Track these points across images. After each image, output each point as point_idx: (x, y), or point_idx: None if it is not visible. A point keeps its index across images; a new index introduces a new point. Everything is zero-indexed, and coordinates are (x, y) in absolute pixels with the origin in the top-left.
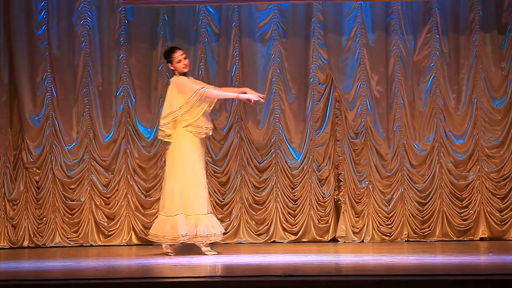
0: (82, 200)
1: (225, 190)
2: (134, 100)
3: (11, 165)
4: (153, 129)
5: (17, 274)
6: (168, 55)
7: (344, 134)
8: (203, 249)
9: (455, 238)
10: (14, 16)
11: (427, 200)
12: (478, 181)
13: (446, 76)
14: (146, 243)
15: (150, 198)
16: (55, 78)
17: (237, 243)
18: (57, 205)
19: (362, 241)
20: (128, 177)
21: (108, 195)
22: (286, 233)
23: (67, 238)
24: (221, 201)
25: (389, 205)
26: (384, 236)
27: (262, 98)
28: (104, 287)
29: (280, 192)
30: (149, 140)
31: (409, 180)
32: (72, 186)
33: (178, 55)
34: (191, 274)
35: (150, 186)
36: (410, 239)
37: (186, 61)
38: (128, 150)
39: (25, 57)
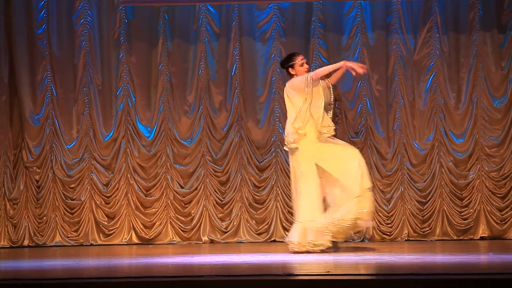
0: (82, 199)
1: (225, 189)
2: (134, 99)
3: (11, 164)
4: (153, 128)
5: (17, 273)
6: (289, 59)
7: (344, 133)
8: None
9: (455, 237)
10: (14, 16)
11: (427, 199)
12: (478, 180)
13: (446, 75)
14: (146, 242)
15: (150, 197)
16: (55, 77)
17: (237, 242)
18: (57, 204)
19: (363, 240)
20: (128, 176)
21: (108, 194)
22: (286, 232)
23: (67, 237)
24: (221, 200)
25: (389, 204)
26: (384, 235)
27: (362, 68)
28: (104, 286)
29: (280, 191)
30: (149, 139)
31: (409, 179)
32: (72, 185)
33: (301, 58)
34: (191, 274)
35: (150, 185)
36: (410, 238)
37: (307, 66)
38: (128, 149)
39: (25, 56)
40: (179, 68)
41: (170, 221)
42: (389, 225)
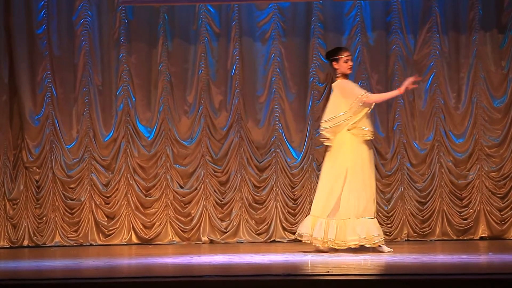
0: (82, 199)
1: (225, 190)
2: (134, 99)
3: (11, 164)
4: (153, 128)
5: (17, 274)
6: (335, 53)
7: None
8: (381, 248)
9: (455, 238)
10: (14, 16)
11: (427, 200)
12: (478, 180)
13: (446, 75)
14: (146, 242)
15: (150, 197)
16: (55, 77)
17: (237, 242)
18: (57, 204)
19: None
20: (128, 176)
21: (108, 195)
22: (286, 232)
23: (67, 237)
24: (221, 201)
25: (389, 204)
26: (384, 235)
27: (416, 77)
28: (104, 286)
29: (280, 191)
30: (149, 139)
31: (409, 179)
32: (72, 186)
33: (347, 54)
34: (191, 274)
35: (150, 185)
36: (410, 239)
37: (351, 63)
38: (128, 150)
39: (25, 56)
40: (179, 68)
41: (170, 221)
42: (389, 225)
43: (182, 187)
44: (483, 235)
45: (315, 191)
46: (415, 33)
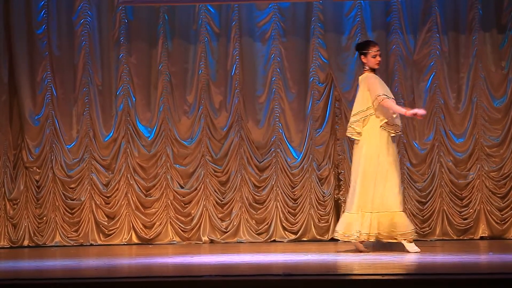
0: (82, 199)
1: (225, 189)
2: (134, 99)
3: (11, 164)
4: (153, 128)
5: (17, 273)
6: (365, 46)
7: (344, 133)
8: (407, 245)
9: (455, 237)
10: (14, 16)
11: (427, 199)
12: (478, 180)
13: (446, 75)
14: (146, 242)
15: (150, 197)
16: (55, 77)
17: (237, 242)
18: (57, 204)
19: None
20: (128, 176)
21: (108, 195)
22: (286, 232)
23: (67, 237)
24: (221, 200)
25: None
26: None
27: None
28: (104, 286)
29: (280, 191)
30: (149, 139)
31: (409, 179)
32: (72, 186)
33: (376, 49)
34: (191, 274)
35: (150, 185)
36: None
37: (380, 59)
38: (128, 150)
39: (25, 56)
40: (179, 68)
41: (170, 221)
42: None
43: (182, 187)
44: (483, 235)
45: (315, 191)
46: (415, 33)
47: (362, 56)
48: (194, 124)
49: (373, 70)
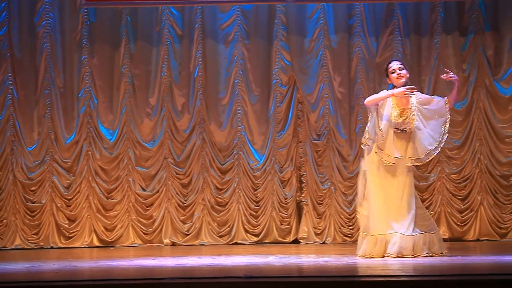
0: (43, 202)
1: (187, 192)
2: (96, 102)
3: None
4: (115, 130)
5: None
6: (386, 69)
7: (307, 136)
8: None
9: None
10: None
11: None
12: (439, 182)
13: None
14: (107, 245)
15: (112, 199)
16: (16, 79)
17: (199, 244)
18: (17, 207)
19: (324, 242)
20: (90, 178)
21: (69, 197)
22: (248, 234)
23: (28, 240)
24: (183, 203)
25: (350, 206)
26: (345, 237)
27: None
28: None
29: (243, 194)
30: (111, 141)
31: None
32: (33, 188)
33: (392, 66)
34: (152, 276)
35: (112, 187)
36: None
37: (400, 72)
38: (89, 152)
39: None
40: (142, 71)
41: (131, 223)
42: (351, 227)
43: (144, 190)
44: (443, 237)
45: (277, 193)
46: (378, 35)
47: (387, 79)
48: (156, 126)
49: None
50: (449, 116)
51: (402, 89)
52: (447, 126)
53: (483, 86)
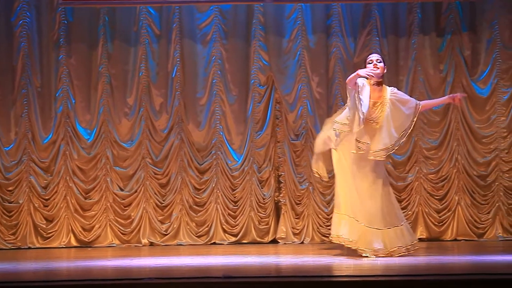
0: (20, 202)
1: (165, 192)
2: (73, 101)
3: None
4: (93, 130)
5: None
6: (364, 61)
7: (285, 136)
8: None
9: None
10: None
11: None
12: (417, 182)
13: (385, 77)
14: (85, 245)
15: (90, 199)
16: None
17: (177, 244)
18: None
19: (302, 242)
20: (68, 178)
21: (47, 197)
22: (226, 234)
23: (5, 240)
24: (161, 203)
25: (329, 206)
26: (324, 237)
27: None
28: None
29: (221, 194)
30: (88, 141)
31: None
32: (10, 188)
33: (371, 57)
34: (130, 276)
35: (90, 187)
36: None
37: (379, 64)
38: (67, 152)
39: None
40: (119, 70)
41: (109, 223)
42: (329, 227)
43: (122, 190)
44: (421, 237)
45: (256, 193)
46: (355, 36)
47: None
48: (134, 126)
49: (377, 82)
50: (413, 123)
51: (368, 70)
52: (407, 132)
53: (460, 87)
